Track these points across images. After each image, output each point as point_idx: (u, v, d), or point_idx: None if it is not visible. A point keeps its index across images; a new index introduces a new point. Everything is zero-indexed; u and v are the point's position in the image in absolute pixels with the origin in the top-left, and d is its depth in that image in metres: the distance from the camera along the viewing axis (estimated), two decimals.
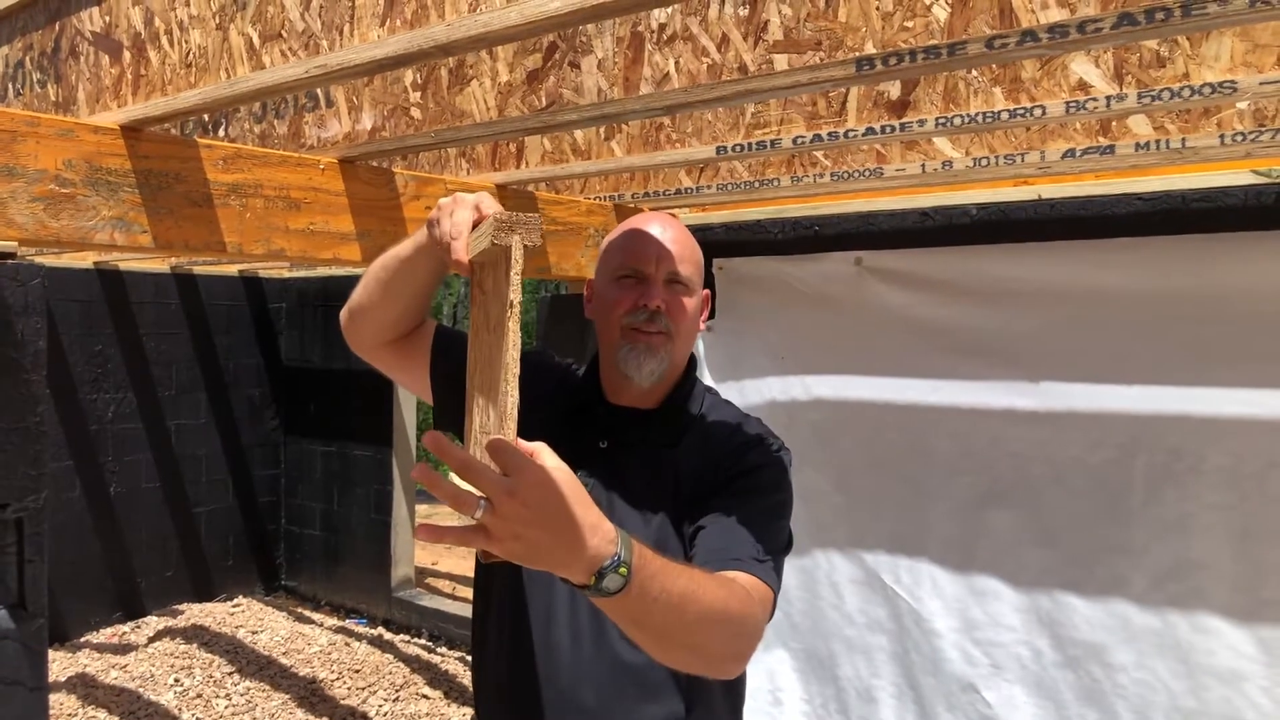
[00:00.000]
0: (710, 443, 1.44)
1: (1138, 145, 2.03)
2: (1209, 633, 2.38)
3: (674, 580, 1.06)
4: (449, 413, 1.49)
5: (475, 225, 1.21)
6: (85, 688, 4.77)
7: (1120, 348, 2.50)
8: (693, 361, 1.53)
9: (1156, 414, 2.45)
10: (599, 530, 0.98)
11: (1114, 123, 2.02)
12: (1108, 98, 1.68)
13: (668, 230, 1.46)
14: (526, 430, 1.41)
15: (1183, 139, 1.98)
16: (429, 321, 1.56)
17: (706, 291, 1.53)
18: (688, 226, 1.81)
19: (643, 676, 1.38)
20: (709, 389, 1.55)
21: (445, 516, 9.29)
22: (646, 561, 1.02)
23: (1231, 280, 2.35)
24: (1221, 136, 1.94)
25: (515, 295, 1.06)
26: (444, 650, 5.51)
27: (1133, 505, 2.49)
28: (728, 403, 1.55)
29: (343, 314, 1.54)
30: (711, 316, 3.14)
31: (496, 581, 1.47)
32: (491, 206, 1.21)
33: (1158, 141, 2.00)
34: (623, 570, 0.99)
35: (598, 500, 1.40)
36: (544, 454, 0.99)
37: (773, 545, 1.36)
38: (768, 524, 1.38)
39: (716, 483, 1.39)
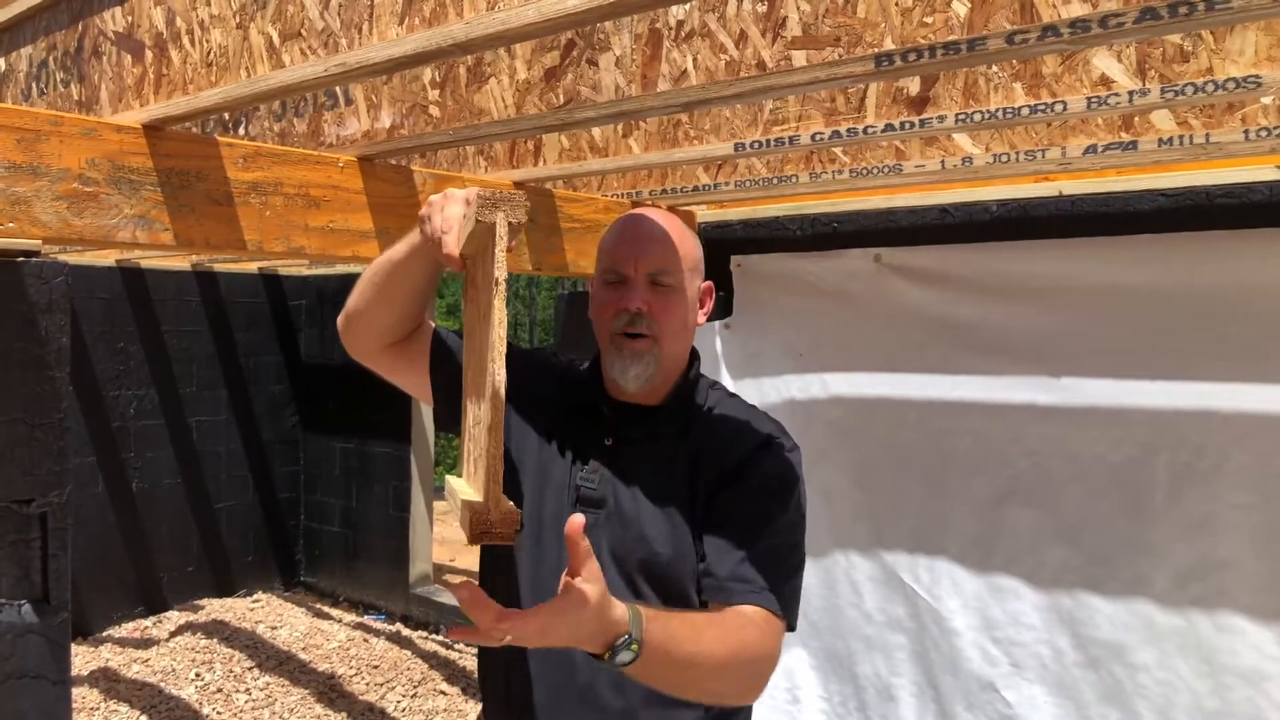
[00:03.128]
0: (719, 439, 1.44)
1: (1161, 141, 2.01)
2: (1232, 632, 2.36)
3: (680, 646, 1.17)
4: (451, 413, 1.49)
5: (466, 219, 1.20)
6: (107, 682, 4.81)
7: (1143, 345, 2.48)
8: (695, 356, 1.52)
9: (1179, 412, 2.43)
10: (612, 628, 1.10)
11: (1136, 118, 2.01)
12: (1130, 93, 1.66)
13: (653, 226, 1.43)
14: (530, 429, 1.41)
15: (1207, 134, 1.96)
16: (427, 324, 1.55)
17: (709, 283, 1.51)
18: (705, 224, 1.80)
19: None
20: (713, 382, 1.55)
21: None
22: (655, 632, 1.14)
23: (1256, 277, 2.32)
24: (1246, 132, 1.92)
25: (501, 273, 1.04)
26: (461, 646, 5.53)
27: (1155, 504, 2.47)
28: (733, 395, 1.54)
29: (340, 320, 1.53)
30: (729, 314, 3.17)
31: (501, 580, 1.47)
32: None
33: (1181, 137, 1.98)
34: (634, 647, 1.11)
35: (604, 497, 1.40)
36: (581, 583, 1.07)
37: (785, 570, 1.38)
38: (779, 549, 1.38)
39: (727, 489, 1.39)
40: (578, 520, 1.06)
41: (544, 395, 1.52)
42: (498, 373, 1.04)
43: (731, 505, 1.38)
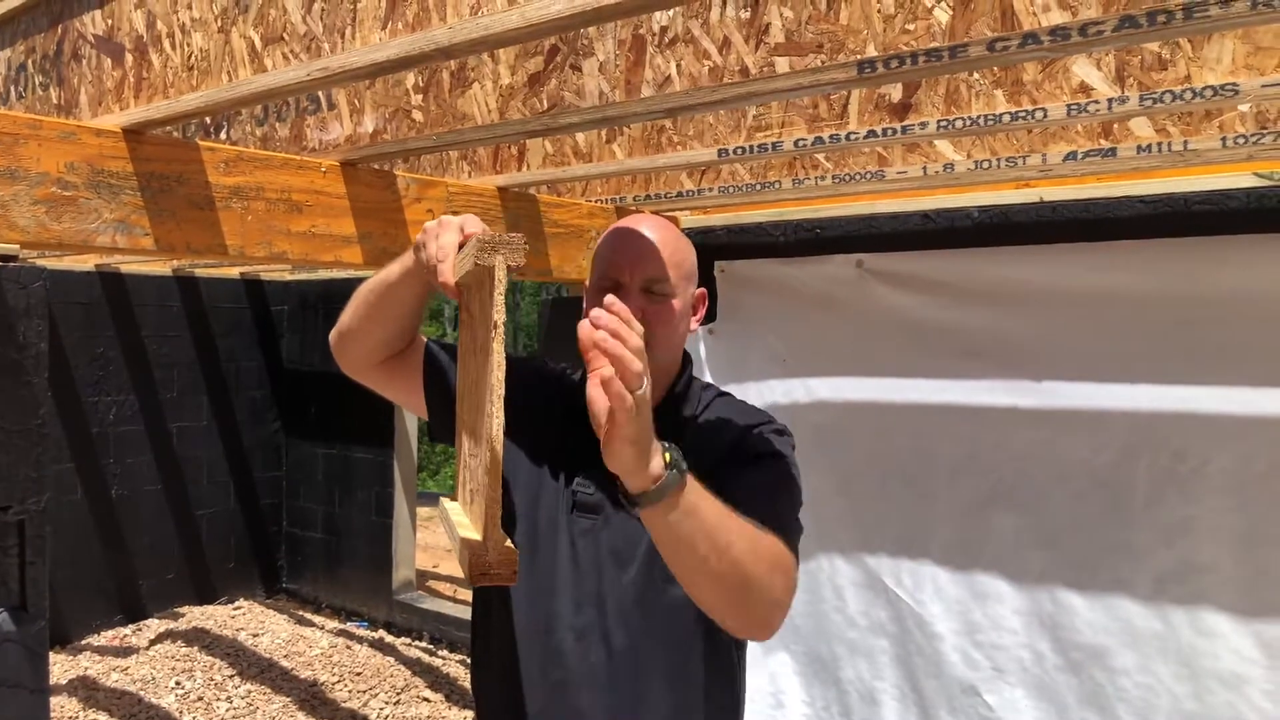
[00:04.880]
0: (713, 440, 1.44)
1: (1139, 148, 2.02)
2: (1212, 636, 2.38)
3: (712, 505, 1.17)
4: (446, 427, 1.49)
5: (461, 247, 1.20)
6: (86, 690, 4.77)
7: (1122, 350, 2.50)
8: (687, 359, 1.52)
9: (1159, 416, 2.45)
10: (656, 449, 1.12)
11: (1116, 125, 2.02)
12: (1109, 100, 1.67)
13: (648, 234, 1.43)
14: (523, 438, 1.41)
15: (1185, 141, 1.98)
16: (419, 339, 1.55)
17: (701, 290, 1.51)
18: (689, 229, 1.79)
19: (646, 679, 1.38)
20: (706, 385, 1.55)
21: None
22: (692, 481, 1.15)
23: (1233, 282, 2.35)
24: (1224, 139, 1.94)
25: (499, 316, 1.05)
26: (445, 653, 5.51)
27: (1135, 507, 2.49)
28: (727, 395, 1.55)
29: (332, 336, 1.53)
30: (713, 319, 3.17)
31: (496, 591, 1.46)
32: (476, 227, 1.20)
33: (1159, 144, 1.99)
34: (682, 467, 1.13)
35: (600, 502, 1.41)
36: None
37: (790, 514, 1.42)
38: (781, 503, 1.41)
39: (722, 469, 1.39)
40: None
41: (537, 404, 1.52)
42: (496, 415, 1.04)
43: (729, 476, 1.37)
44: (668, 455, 1.13)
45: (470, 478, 1.20)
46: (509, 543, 1.07)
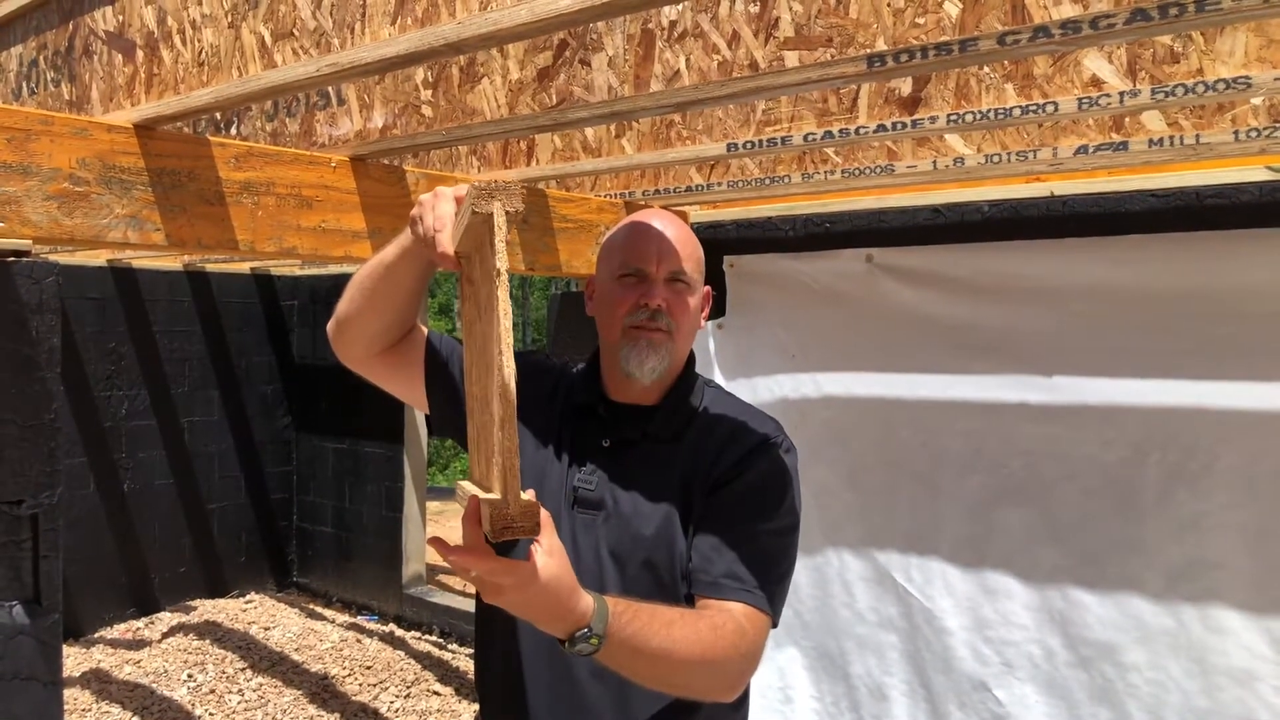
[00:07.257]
0: (716, 440, 1.44)
1: (1151, 141, 2.01)
2: (1223, 632, 2.37)
3: (649, 641, 1.18)
4: (446, 420, 1.48)
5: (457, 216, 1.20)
6: (99, 683, 4.80)
7: (1133, 345, 2.49)
8: (691, 357, 1.53)
9: (1170, 412, 2.44)
10: (573, 615, 1.12)
11: (1127, 119, 2.01)
12: (1121, 94, 1.67)
13: (668, 228, 1.45)
14: (526, 431, 1.40)
15: (1196, 135, 1.97)
16: (419, 329, 1.54)
17: (708, 288, 1.53)
18: (698, 224, 1.80)
19: None
20: (709, 381, 1.55)
21: (456, 514, 9.30)
22: (622, 626, 1.16)
23: (1245, 277, 2.33)
24: (1236, 133, 1.93)
25: (501, 264, 1.03)
26: (455, 647, 5.53)
27: (1146, 503, 2.48)
28: (729, 395, 1.54)
29: (330, 326, 1.51)
30: (721, 314, 3.17)
31: None
32: None
33: (1171, 138, 1.98)
34: (594, 640, 1.13)
35: (602, 498, 1.41)
36: (538, 550, 1.10)
37: (776, 571, 1.39)
38: (771, 549, 1.39)
39: (723, 489, 1.39)
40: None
41: (539, 398, 1.52)
42: (506, 365, 1.02)
43: (726, 505, 1.39)
44: (589, 615, 1.13)
45: (486, 444, 1.18)
46: (529, 496, 1.05)
